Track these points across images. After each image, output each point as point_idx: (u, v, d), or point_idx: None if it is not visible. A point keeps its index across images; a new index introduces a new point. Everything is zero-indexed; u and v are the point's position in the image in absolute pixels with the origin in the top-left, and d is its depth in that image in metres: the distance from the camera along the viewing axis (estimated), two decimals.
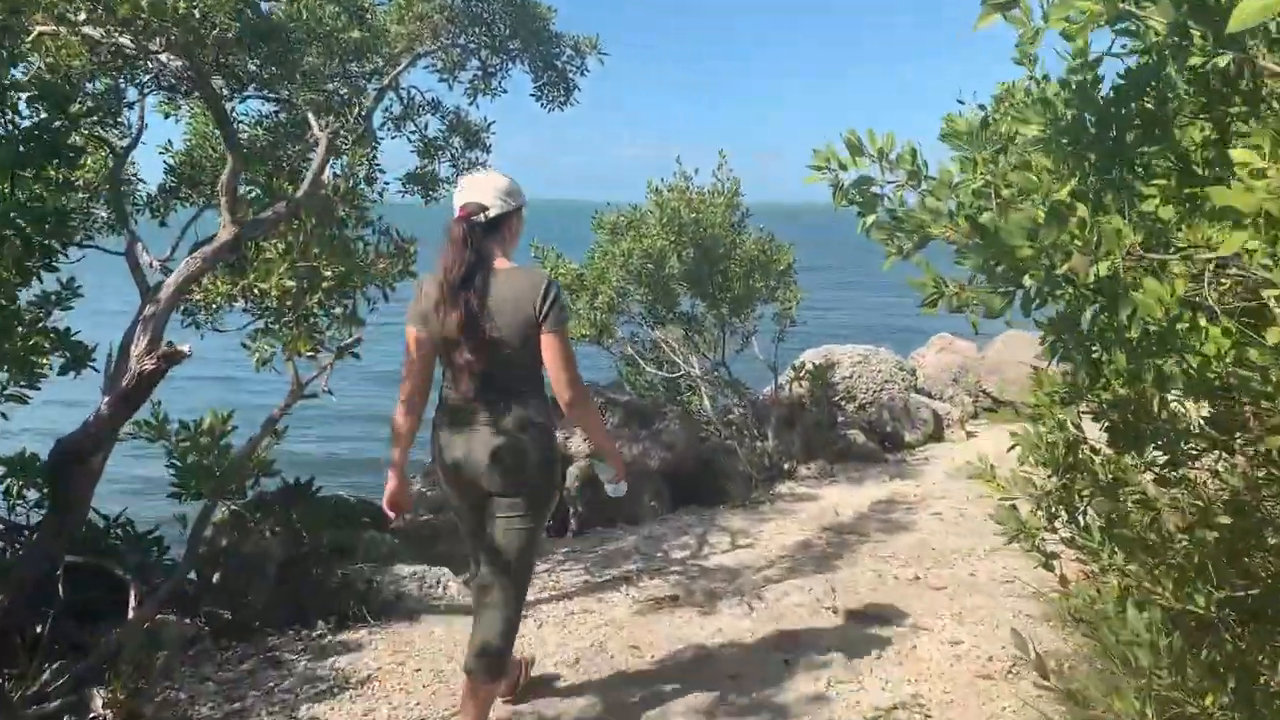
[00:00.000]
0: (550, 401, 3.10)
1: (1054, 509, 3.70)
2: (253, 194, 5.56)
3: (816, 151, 2.47)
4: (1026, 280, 2.00)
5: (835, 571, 5.18)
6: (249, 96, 5.86)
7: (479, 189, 3.03)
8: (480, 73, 6.33)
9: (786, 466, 7.76)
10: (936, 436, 9.37)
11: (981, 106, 4.06)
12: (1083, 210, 2.02)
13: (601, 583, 5.17)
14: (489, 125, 6.70)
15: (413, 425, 3.14)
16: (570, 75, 6.29)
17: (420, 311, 3.00)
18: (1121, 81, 2.40)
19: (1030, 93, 4.00)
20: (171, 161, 6.00)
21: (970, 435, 9.61)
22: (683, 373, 7.98)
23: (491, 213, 3.00)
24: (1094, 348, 2.10)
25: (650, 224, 7.76)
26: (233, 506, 5.40)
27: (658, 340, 8.20)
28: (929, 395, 11.02)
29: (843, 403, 10.02)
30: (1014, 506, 3.68)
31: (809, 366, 8.93)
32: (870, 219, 2.49)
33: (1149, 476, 3.37)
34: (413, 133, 6.58)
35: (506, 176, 3.12)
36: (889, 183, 2.48)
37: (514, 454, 2.98)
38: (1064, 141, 2.49)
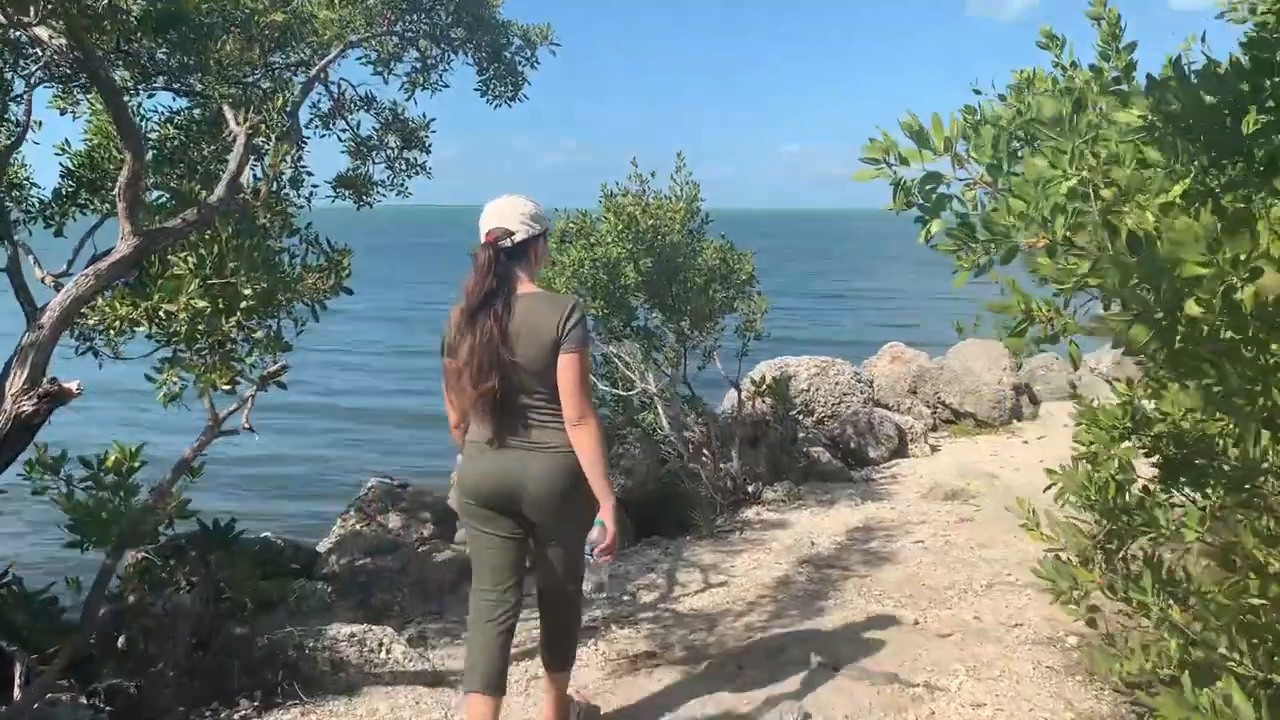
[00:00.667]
0: None
1: (1099, 557, 3.24)
2: (162, 200, 4.90)
3: (872, 142, 1.95)
4: (1191, 306, 1.50)
5: (824, 615, 4.67)
6: (158, 89, 5.20)
7: (504, 214, 3.04)
8: (419, 65, 5.74)
9: (751, 489, 7.25)
10: (900, 452, 8.95)
11: (1002, 97, 3.58)
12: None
13: None
14: (428, 123, 6.11)
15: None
16: (519, 68, 5.73)
17: (449, 342, 3.02)
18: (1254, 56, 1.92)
19: (1052, 78, 3.51)
20: (69, 163, 5.31)
21: (934, 449, 9.22)
22: (638, 389, 7.44)
23: (517, 237, 3.00)
24: (1265, 391, 1.61)
25: (603, 231, 7.20)
26: (142, 553, 4.75)
27: (610, 355, 7.64)
28: (886, 407, 10.65)
29: (801, 416, 9.59)
30: (1058, 556, 3.21)
31: (769, 379, 8.45)
32: (935, 225, 1.99)
33: (1209, 522, 2.93)
34: (344, 131, 5.97)
35: (532, 201, 3.10)
36: (960, 180, 1.98)
37: (545, 481, 2.95)
38: (1171, 131, 2.00)
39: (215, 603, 4.68)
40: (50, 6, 2.87)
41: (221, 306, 3.52)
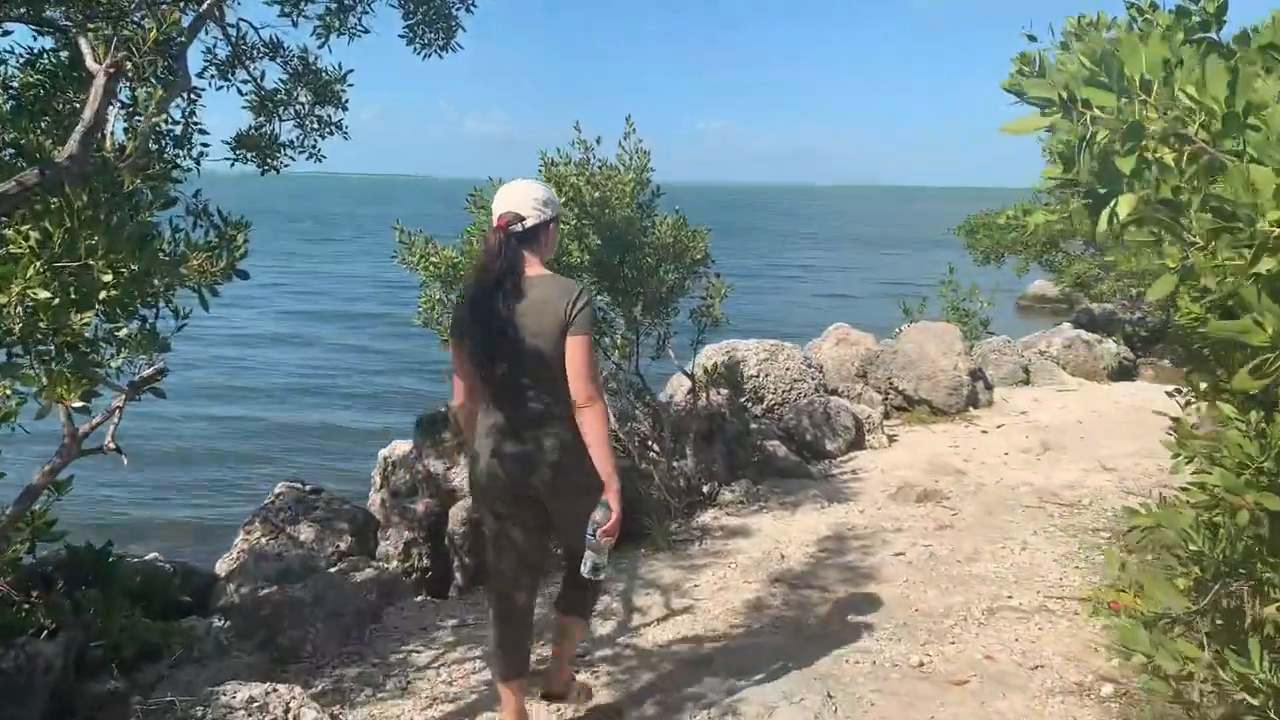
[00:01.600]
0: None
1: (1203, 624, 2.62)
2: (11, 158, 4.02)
3: (1022, 68, 1.24)
4: None
5: (814, 656, 4.02)
6: (12, 20, 4.30)
7: (516, 199, 3.08)
8: (334, 5, 4.89)
9: (707, 490, 6.60)
10: (858, 443, 8.37)
11: (1063, 45, 2.93)
12: None
13: None
14: (345, 75, 5.26)
15: (475, 419, 3.17)
16: (452, 11, 4.92)
17: (457, 321, 3.10)
18: None
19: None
20: None
21: (892, 440, 8.67)
22: None
23: (528, 223, 3.05)
24: None
25: None
26: None
27: None
28: (835, 393, 10.11)
29: (750, 405, 8.98)
30: (1152, 624, 2.59)
31: (720, 366, 7.80)
32: (1125, 204, 1.31)
33: None
34: (245, 82, 5.09)
35: (544, 185, 3.21)
36: (1173, 131, 1.30)
37: (558, 460, 3.01)
38: None
39: (83, 649, 3.87)
40: None
41: (73, 297, 2.70)
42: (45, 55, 4.58)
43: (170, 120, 4.32)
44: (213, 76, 5.04)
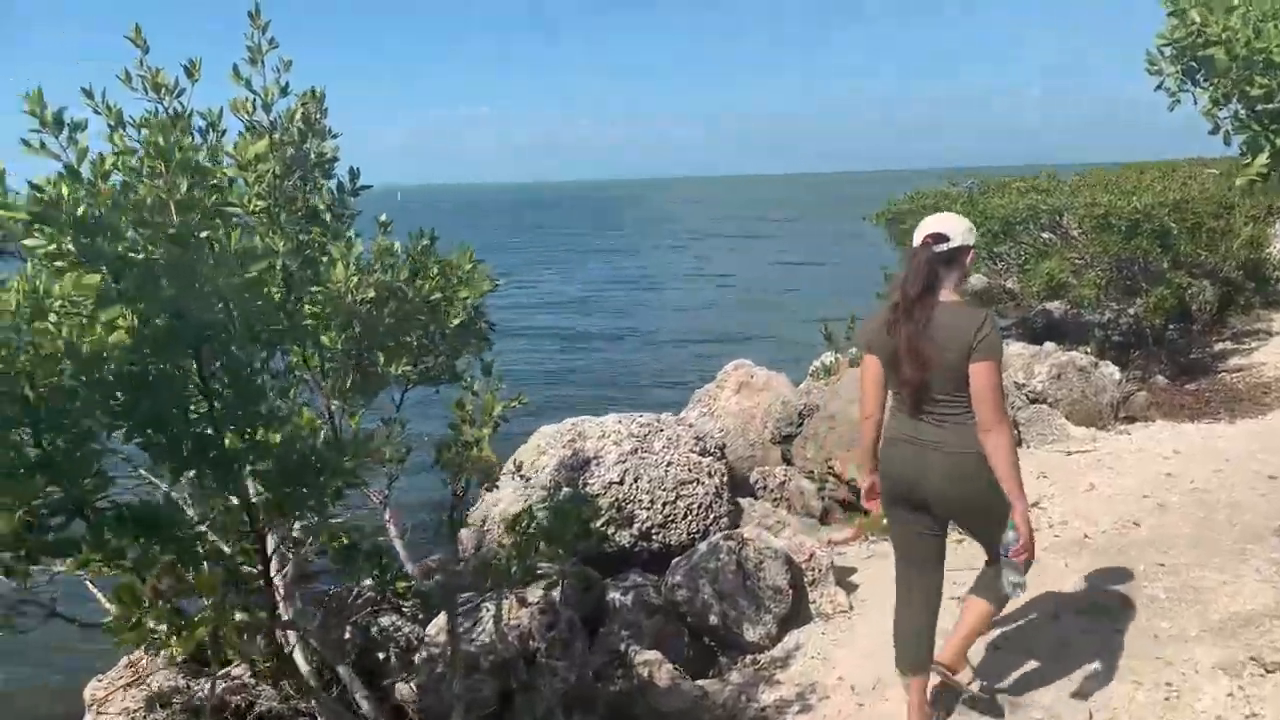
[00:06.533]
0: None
1: None
2: None
3: None
4: None
5: None
6: None
7: (944, 223, 3.20)
8: None
9: None
10: (794, 615, 4.75)
11: None
12: None
13: None
14: None
15: (876, 434, 3.31)
16: None
17: (870, 332, 3.24)
18: None
19: None
20: None
21: (850, 592, 5.09)
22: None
23: (952, 243, 3.14)
24: None
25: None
26: None
27: None
28: (746, 489, 6.56)
29: (613, 532, 5.39)
30: None
31: (533, 514, 4.04)
32: None
33: None
34: None
35: (967, 220, 3.25)
36: None
37: (960, 475, 3.10)
38: None
39: None
40: None
41: None
42: None
43: None
44: None
